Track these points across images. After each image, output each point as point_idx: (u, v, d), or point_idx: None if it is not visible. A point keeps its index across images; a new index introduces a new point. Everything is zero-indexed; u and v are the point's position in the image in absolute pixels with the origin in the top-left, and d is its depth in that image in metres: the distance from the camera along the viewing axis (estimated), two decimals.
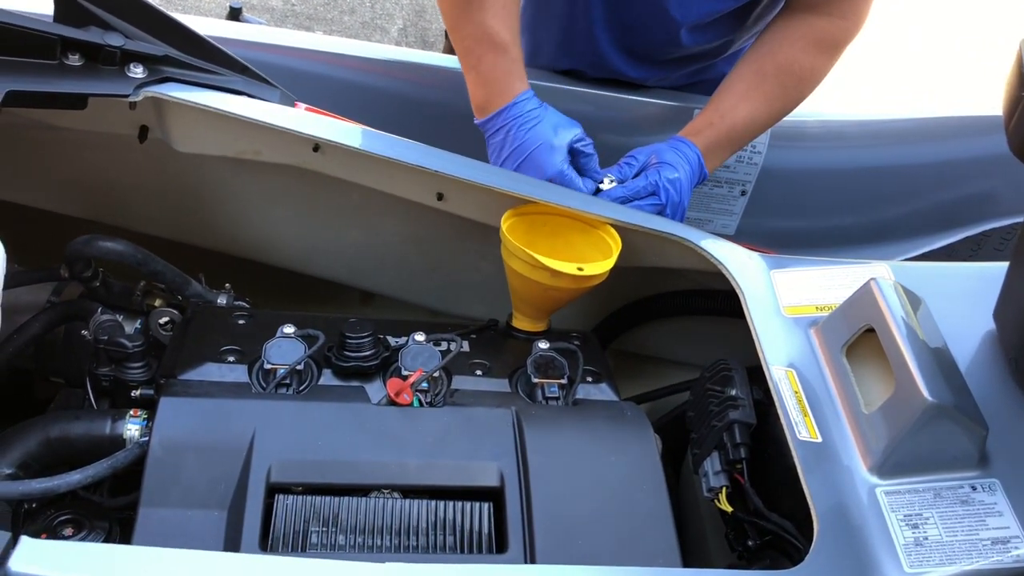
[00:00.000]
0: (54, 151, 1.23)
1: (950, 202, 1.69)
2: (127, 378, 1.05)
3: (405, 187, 1.19)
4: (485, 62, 1.28)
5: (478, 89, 1.30)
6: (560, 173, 1.24)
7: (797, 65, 1.37)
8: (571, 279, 1.08)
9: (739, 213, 1.68)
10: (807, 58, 1.37)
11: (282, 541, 0.86)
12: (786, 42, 1.38)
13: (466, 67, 1.30)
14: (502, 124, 1.27)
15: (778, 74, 1.37)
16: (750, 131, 1.41)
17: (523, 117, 1.26)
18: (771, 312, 1.10)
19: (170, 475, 0.88)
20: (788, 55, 1.37)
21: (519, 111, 1.27)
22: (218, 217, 1.35)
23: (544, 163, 1.24)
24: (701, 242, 1.16)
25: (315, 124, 1.12)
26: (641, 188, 1.29)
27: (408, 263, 1.40)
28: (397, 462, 0.92)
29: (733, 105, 1.38)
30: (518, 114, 1.27)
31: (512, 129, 1.26)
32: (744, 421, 1.03)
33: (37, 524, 0.92)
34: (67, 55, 1.00)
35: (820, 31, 1.37)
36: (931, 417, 0.90)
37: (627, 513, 0.93)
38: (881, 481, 0.92)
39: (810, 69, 1.38)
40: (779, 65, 1.37)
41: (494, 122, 1.28)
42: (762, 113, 1.39)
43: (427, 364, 1.03)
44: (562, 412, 1.04)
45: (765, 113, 1.39)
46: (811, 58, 1.38)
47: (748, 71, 1.40)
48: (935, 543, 0.87)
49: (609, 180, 1.29)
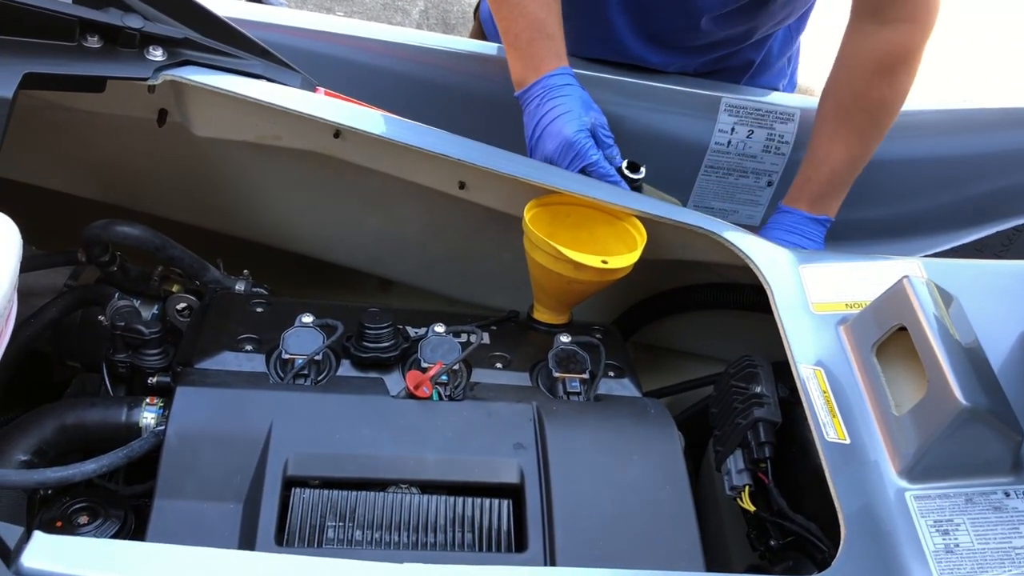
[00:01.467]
0: (72, 134, 1.22)
1: (981, 196, 1.65)
2: (144, 365, 1.04)
3: (426, 175, 1.17)
4: (523, 38, 1.29)
5: (517, 63, 1.30)
6: (578, 137, 1.22)
7: (876, 91, 1.34)
8: (595, 272, 1.06)
9: (765, 204, 1.65)
10: (884, 81, 1.34)
11: (298, 536, 0.85)
12: (858, 69, 1.35)
13: (507, 42, 1.31)
14: (536, 93, 1.27)
15: (860, 104, 1.35)
16: (853, 168, 1.38)
17: (556, 89, 1.26)
18: (800, 309, 1.07)
19: (186, 466, 0.87)
20: (865, 83, 1.34)
21: (553, 83, 1.27)
22: (237, 202, 1.33)
23: (564, 126, 1.23)
24: (728, 235, 1.13)
25: (336, 110, 1.11)
26: None
27: (428, 251, 1.38)
28: (416, 457, 0.91)
29: (827, 151, 1.36)
30: (552, 85, 1.27)
31: (545, 97, 1.26)
32: (769, 419, 1.01)
33: (52, 511, 0.91)
34: (86, 37, 0.99)
35: (891, 45, 1.33)
36: (964, 420, 0.87)
37: (649, 513, 0.91)
38: (911, 485, 0.90)
39: (891, 89, 1.35)
40: (858, 95, 1.34)
41: (530, 92, 1.28)
42: (856, 148, 1.36)
43: (447, 356, 1.01)
44: (584, 408, 1.02)
45: (860, 147, 1.37)
46: (888, 79, 1.34)
47: (830, 109, 1.38)
48: (966, 551, 0.85)
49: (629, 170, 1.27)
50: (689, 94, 1.55)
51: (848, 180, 1.39)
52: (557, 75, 1.27)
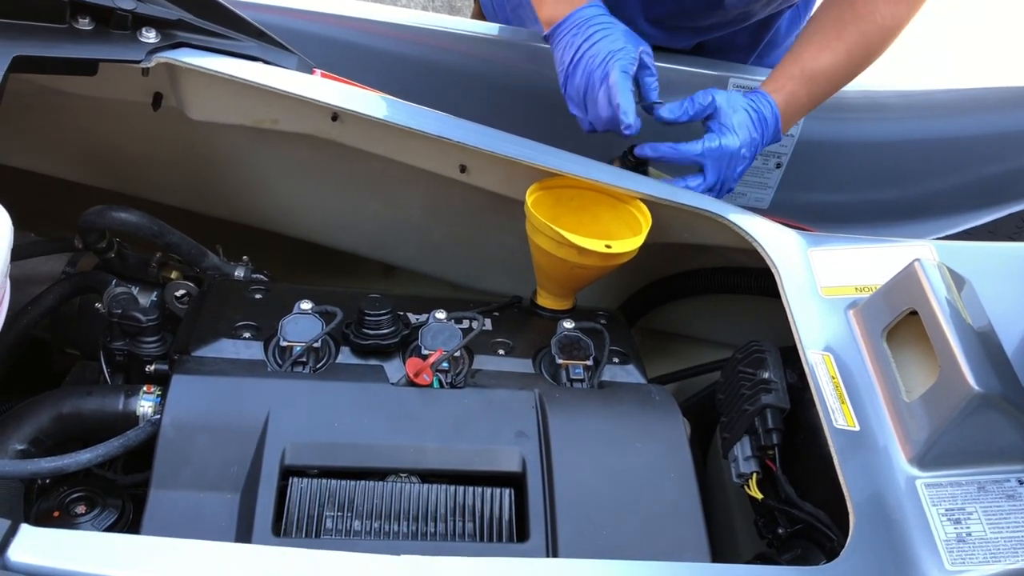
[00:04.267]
0: (67, 118, 1.20)
1: (995, 177, 1.62)
2: (141, 352, 1.03)
3: (427, 159, 1.15)
4: None
5: (545, 5, 1.26)
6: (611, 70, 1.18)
7: (879, 13, 1.30)
8: (598, 257, 1.04)
9: (774, 186, 1.62)
10: (888, 6, 1.30)
11: (296, 526, 0.84)
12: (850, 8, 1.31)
13: None
14: (569, 27, 1.23)
15: (858, 22, 1.30)
16: (831, 84, 1.33)
17: (591, 21, 1.22)
18: (808, 293, 1.05)
19: (182, 456, 0.86)
20: (868, 2, 1.30)
21: (588, 15, 1.22)
22: (236, 187, 1.32)
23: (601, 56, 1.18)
24: (735, 218, 1.11)
25: (333, 92, 1.08)
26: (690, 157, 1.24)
27: (430, 236, 1.36)
28: (415, 445, 0.89)
29: (814, 56, 1.31)
30: (587, 18, 1.22)
31: (580, 30, 1.21)
32: (777, 405, 0.99)
33: (49, 501, 0.90)
34: (77, 19, 0.97)
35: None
36: (977, 406, 0.85)
37: (653, 502, 0.89)
38: (922, 473, 0.88)
39: (892, 17, 1.31)
40: (859, 13, 1.30)
41: (561, 28, 1.24)
42: (843, 64, 1.31)
43: (448, 343, 1.00)
44: (587, 395, 1.00)
45: (846, 64, 1.32)
46: (892, 6, 1.30)
47: (827, 19, 1.33)
48: (978, 540, 0.83)
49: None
50: (696, 74, 1.52)
51: (818, 96, 1.34)
52: (593, 6, 1.23)
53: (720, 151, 1.23)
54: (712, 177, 1.24)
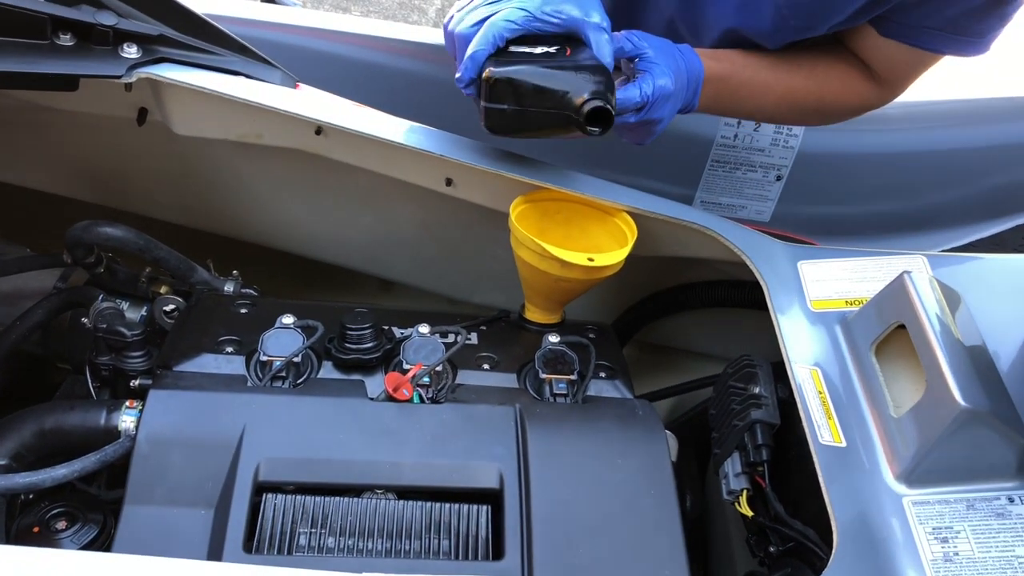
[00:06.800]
0: (53, 134, 1.21)
1: (1000, 188, 1.59)
2: (127, 367, 1.02)
3: (412, 172, 1.14)
4: None
5: None
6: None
7: (853, 88, 1.26)
8: (582, 270, 1.02)
9: (775, 199, 1.60)
10: (863, 85, 1.26)
11: (268, 543, 0.83)
12: (823, 63, 1.26)
13: None
14: None
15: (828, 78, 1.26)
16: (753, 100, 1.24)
17: None
18: (796, 306, 1.03)
19: (156, 472, 0.86)
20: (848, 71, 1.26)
21: None
22: (224, 202, 1.32)
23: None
24: (722, 230, 1.09)
25: (316, 106, 1.08)
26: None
27: (422, 251, 1.35)
28: (392, 461, 0.88)
29: (754, 65, 1.22)
30: None
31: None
32: (767, 421, 0.98)
33: (29, 517, 0.90)
34: (58, 34, 0.97)
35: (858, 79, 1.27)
36: (964, 422, 0.83)
37: (632, 518, 0.88)
38: (909, 490, 0.86)
39: (859, 96, 1.28)
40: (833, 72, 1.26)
41: None
42: (772, 90, 1.24)
43: (430, 358, 0.99)
44: (568, 410, 0.99)
45: (774, 94, 1.24)
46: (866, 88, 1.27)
47: (780, 55, 1.24)
48: (966, 559, 0.81)
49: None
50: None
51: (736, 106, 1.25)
52: None
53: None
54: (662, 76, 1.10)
